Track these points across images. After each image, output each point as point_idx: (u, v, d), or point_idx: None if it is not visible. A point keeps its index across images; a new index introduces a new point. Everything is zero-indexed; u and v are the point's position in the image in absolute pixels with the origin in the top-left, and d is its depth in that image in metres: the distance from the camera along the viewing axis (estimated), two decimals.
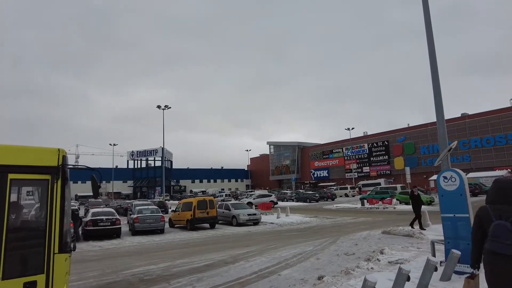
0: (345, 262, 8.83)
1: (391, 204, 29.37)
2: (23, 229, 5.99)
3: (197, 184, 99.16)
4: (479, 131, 52.78)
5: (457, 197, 6.51)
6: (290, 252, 10.64)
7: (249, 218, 19.76)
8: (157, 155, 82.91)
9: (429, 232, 12.52)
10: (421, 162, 60.46)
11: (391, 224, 15.85)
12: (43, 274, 5.43)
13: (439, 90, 8.30)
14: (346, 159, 75.22)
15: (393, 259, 8.88)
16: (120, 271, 8.80)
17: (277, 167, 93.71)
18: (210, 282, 7.40)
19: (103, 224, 15.43)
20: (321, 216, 24.27)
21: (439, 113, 8.26)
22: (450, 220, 6.66)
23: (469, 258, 6.24)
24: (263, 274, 7.96)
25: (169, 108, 40.45)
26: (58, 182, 5.77)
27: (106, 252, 12.30)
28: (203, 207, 18.53)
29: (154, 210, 18.44)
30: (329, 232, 15.21)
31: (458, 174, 6.54)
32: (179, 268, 8.90)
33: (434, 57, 8.48)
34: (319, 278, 7.23)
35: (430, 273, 5.50)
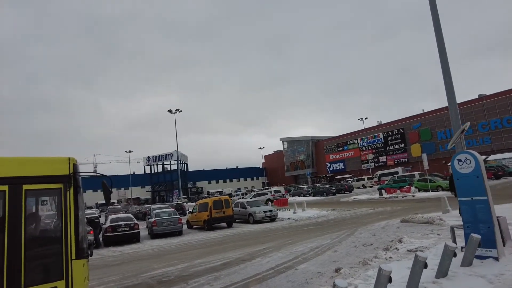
0: (363, 253, 8.69)
1: (409, 192, 28.80)
2: (40, 237, 6.13)
3: (213, 185, 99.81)
4: (498, 112, 51.06)
5: (473, 179, 6.29)
6: (307, 246, 10.56)
7: (266, 215, 19.74)
8: (172, 159, 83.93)
9: (449, 218, 12.20)
10: (438, 147, 59.02)
11: (410, 213, 15.54)
12: (62, 280, 5.55)
13: (448, 70, 8.02)
14: (362, 150, 74.19)
15: (412, 247, 8.68)
16: (140, 275, 8.92)
17: (292, 162, 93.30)
18: (227, 280, 7.41)
19: (121, 229, 15.70)
20: (338, 209, 24.02)
21: (450, 95, 8.00)
22: (467, 203, 6.44)
23: (490, 241, 6.06)
24: (280, 269, 7.92)
25: (180, 111, 40.81)
26: (71, 190, 5.88)
27: (126, 257, 12.51)
28: (219, 207, 18.62)
29: (172, 212, 18.65)
30: (347, 224, 15.03)
31: (473, 155, 6.32)
32: (197, 268, 8.95)
33: (441, 36, 8.21)
34: (336, 271, 7.14)
35: (449, 259, 5.35)
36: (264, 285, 6.72)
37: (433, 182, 29.28)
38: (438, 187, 28.62)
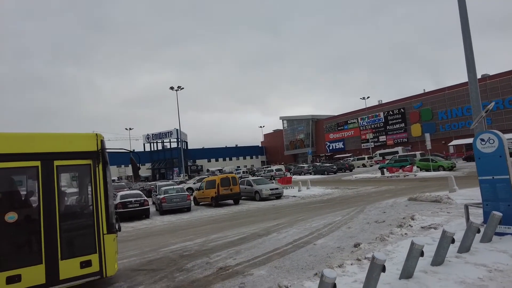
0: (377, 230, 8.92)
1: (411, 171, 29.15)
2: (72, 212, 6.26)
3: (213, 163, 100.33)
4: (501, 92, 50.94)
5: (496, 158, 6.39)
6: (320, 222, 10.80)
7: (272, 192, 20.03)
8: (172, 137, 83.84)
9: (457, 197, 12.44)
10: (439, 128, 59.20)
11: (415, 191, 15.81)
12: (96, 253, 5.73)
13: (471, 48, 7.96)
14: (362, 129, 74.32)
15: (425, 224, 8.91)
16: (159, 249, 9.15)
17: (291, 141, 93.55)
18: (248, 254, 7.63)
19: (132, 206, 15.93)
20: (342, 187, 24.38)
21: (471, 76, 7.98)
22: (488, 182, 6.57)
23: (510, 219, 6.23)
24: (298, 244, 8.15)
25: (182, 89, 40.39)
26: (99, 166, 5.96)
27: (139, 232, 12.77)
28: (226, 184, 18.85)
29: (179, 189, 18.88)
30: (354, 202, 15.31)
31: (497, 135, 6.40)
32: (215, 243, 9.18)
33: (465, 14, 8.09)
34: (355, 246, 7.36)
35: (472, 235, 5.52)
36: (287, 259, 6.94)
37: (434, 162, 29.58)
38: (440, 167, 28.96)
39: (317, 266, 6.24)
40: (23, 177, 5.93)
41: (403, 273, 4.71)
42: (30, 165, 5.44)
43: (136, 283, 6.26)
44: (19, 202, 5.63)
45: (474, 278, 4.51)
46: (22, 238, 5.40)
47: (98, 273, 5.71)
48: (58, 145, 5.70)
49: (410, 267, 4.68)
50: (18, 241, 5.35)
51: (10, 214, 5.16)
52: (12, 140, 5.39)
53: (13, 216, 5.18)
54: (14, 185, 5.61)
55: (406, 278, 4.66)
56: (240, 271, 6.40)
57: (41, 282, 5.22)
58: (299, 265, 6.44)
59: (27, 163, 5.42)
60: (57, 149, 5.66)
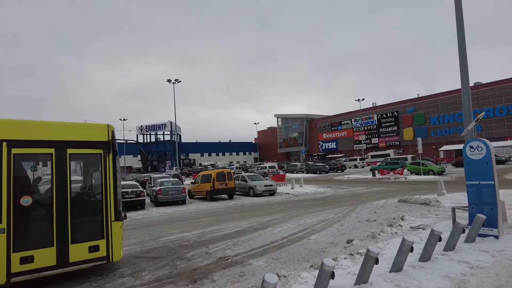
0: (368, 228, 9.35)
1: (402, 174, 29.82)
2: (83, 199, 6.55)
3: (206, 158, 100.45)
4: (492, 101, 52.09)
5: (483, 165, 6.84)
6: (313, 219, 11.21)
7: (266, 188, 20.42)
8: (166, 129, 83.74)
9: (445, 200, 12.96)
10: (430, 132, 60.29)
11: (405, 193, 16.34)
12: (103, 239, 6.04)
13: (466, 60, 8.39)
14: (355, 131, 75.20)
15: (414, 224, 9.37)
16: (158, 238, 9.45)
17: (285, 139, 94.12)
18: (246, 246, 7.98)
19: (128, 196, 16.12)
20: (334, 186, 24.88)
21: (464, 86, 8.41)
22: (475, 187, 7.02)
23: (492, 221, 6.69)
24: (293, 238, 8.53)
25: (179, 82, 40.42)
26: (110, 155, 6.25)
27: (137, 222, 13.01)
28: (222, 179, 19.17)
29: (175, 182, 19.13)
30: (346, 201, 15.77)
31: (485, 143, 6.84)
32: (213, 235, 9.52)
33: (462, 27, 8.50)
34: (348, 242, 7.77)
35: (458, 235, 5.96)
36: (283, 251, 7.31)
37: (425, 166, 30.29)
38: (430, 171, 29.67)
39: (312, 259, 6.61)
40: (38, 163, 6.18)
41: (394, 266, 5.11)
42: (45, 152, 5.69)
43: (139, 269, 6.56)
44: (33, 187, 5.89)
45: (457, 273, 4.93)
46: (35, 221, 5.67)
47: (105, 258, 6.00)
48: (71, 134, 5.96)
49: (400, 262, 5.08)
50: (31, 224, 5.61)
51: (25, 198, 5.42)
52: (29, 127, 5.63)
53: (28, 200, 5.44)
54: (30, 171, 5.87)
55: (396, 271, 5.05)
56: (239, 261, 6.75)
57: (52, 263, 5.50)
58: (295, 258, 6.82)
59: (42, 150, 5.67)
60: (70, 138, 5.92)
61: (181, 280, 5.79)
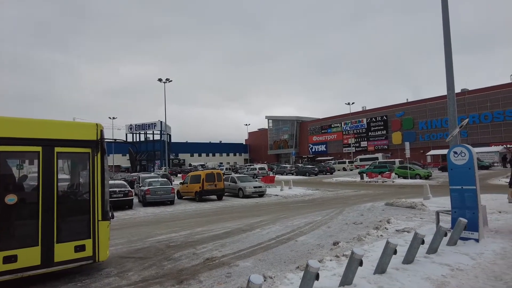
0: (355, 230, 9.48)
1: (390, 178, 30.25)
2: (70, 198, 6.49)
3: (195, 158, 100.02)
4: (478, 107, 53.27)
5: (466, 170, 7.03)
6: (301, 221, 11.31)
7: (255, 190, 20.47)
8: (156, 129, 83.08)
9: (430, 204, 13.21)
10: (418, 137, 61.29)
11: (392, 197, 16.59)
12: (90, 239, 6.00)
13: (451, 67, 8.60)
14: (345, 134, 75.94)
15: (400, 227, 9.53)
16: (145, 239, 9.40)
17: (276, 141, 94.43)
18: (234, 247, 8.02)
19: (116, 196, 15.97)
20: (322, 189, 25.08)
21: (450, 92, 8.62)
22: (458, 191, 7.21)
23: (473, 225, 6.87)
24: (281, 240, 8.60)
25: (171, 81, 40.20)
26: (98, 155, 6.22)
27: (124, 222, 12.90)
28: (211, 180, 19.15)
29: (164, 182, 19.04)
30: (334, 204, 15.94)
31: (468, 149, 7.03)
32: (200, 236, 9.52)
33: (448, 34, 8.71)
34: (334, 244, 7.87)
35: (440, 238, 6.11)
36: (270, 253, 7.37)
37: (412, 170, 30.77)
38: (417, 175, 30.16)
39: (299, 260, 6.68)
40: (25, 161, 6.11)
41: (377, 268, 5.21)
42: (32, 150, 5.63)
43: (125, 270, 6.53)
44: (19, 185, 5.82)
45: (438, 275, 5.06)
46: (20, 220, 5.60)
47: (91, 258, 5.96)
48: (59, 132, 5.91)
49: (384, 264, 5.19)
50: (16, 222, 5.54)
51: (10, 196, 5.35)
52: (15, 125, 5.56)
53: (13, 199, 5.37)
54: (15, 169, 5.80)
55: (380, 273, 5.16)
56: (226, 262, 6.77)
57: (36, 263, 5.44)
58: (282, 259, 6.88)
59: (29, 148, 5.61)
60: (58, 136, 5.87)
61: (167, 280, 5.79)
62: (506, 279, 4.88)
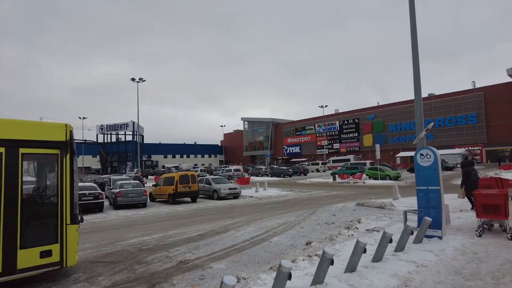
0: (327, 230, 9.70)
1: (361, 179, 31.11)
2: (36, 201, 6.23)
3: (169, 159, 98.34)
4: (443, 111, 55.98)
5: (431, 171, 7.39)
6: (275, 222, 11.42)
7: (230, 192, 20.43)
8: (128, 129, 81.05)
9: (399, 204, 13.73)
10: (388, 139, 63.50)
11: (363, 197, 17.09)
12: (57, 243, 5.79)
13: (419, 73, 9.02)
14: (318, 136, 77.39)
15: (370, 227, 9.84)
16: (116, 242, 9.16)
17: (251, 143, 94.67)
18: (207, 249, 7.98)
19: (86, 198, 15.44)
20: (296, 190, 25.42)
21: (417, 97, 9.03)
22: (423, 192, 7.56)
23: (437, 224, 7.23)
24: (255, 241, 8.65)
25: (144, 81, 39.32)
26: (67, 156, 6.02)
27: (93, 226, 12.50)
28: (185, 182, 18.92)
29: (136, 184, 18.61)
30: (307, 204, 16.20)
31: (433, 151, 7.39)
32: (174, 238, 9.39)
33: (415, 44, 9.13)
34: (307, 244, 8.02)
35: (407, 236, 6.38)
36: (244, 254, 7.39)
37: (382, 171, 31.81)
38: (387, 176, 31.22)
39: (272, 261, 6.75)
40: None
41: (348, 267, 5.37)
42: None
43: (95, 274, 6.34)
44: None
45: (404, 272, 5.29)
46: None
47: (58, 263, 5.74)
48: (25, 132, 5.65)
49: (354, 262, 5.36)
50: None
51: None
52: None
53: None
54: None
55: (350, 271, 5.32)
56: (199, 264, 6.73)
57: None
58: (256, 260, 6.93)
59: None
60: (24, 137, 5.61)
61: (139, 284, 5.68)
62: (465, 273, 5.19)
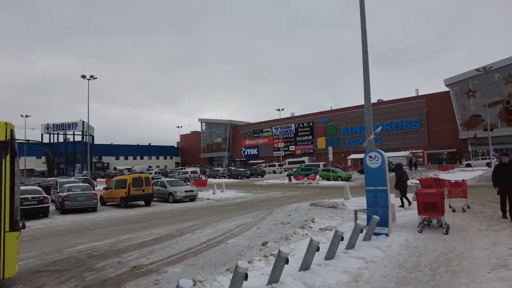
0: (283, 230, 9.93)
1: (315, 180, 32.16)
2: None
3: (121, 161, 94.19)
4: (390, 116, 59.80)
5: (379, 173, 7.88)
6: (232, 223, 11.45)
7: (186, 194, 20.08)
8: (77, 129, 76.45)
9: (350, 204, 14.42)
10: (340, 142, 66.41)
11: (316, 198, 17.70)
12: None
13: (368, 82, 9.59)
14: (275, 138, 78.78)
15: (323, 226, 10.24)
16: (63, 249, 8.61)
17: (209, 144, 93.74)
18: (162, 253, 7.79)
19: (28, 203, 14.28)
20: (253, 191, 25.65)
21: (367, 103, 9.59)
22: (372, 192, 8.04)
23: (384, 222, 7.73)
24: (212, 243, 8.61)
25: (95, 78, 37.26)
26: (7, 157, 5.58)
27: (37, 232, 11.63)
28: (138, 185, 18.26)
29: (85, 187, 17.60)
30: (264, 205, 16.44)
31: (381, 154, 7.90)
32: (127, 243, 9.04)
33: (366, 53, 9.70)
34: (263, 244, 8.15)
35: (357, 234, 6.74)
36: (200, 257, 7.33)
37: (334, 172, 33.16)
38: (339, 177, 32.58)
39: (229, 262, 6.78)
40: None
41: (302, 265, 5.56)
42: None
43: (38, 285, 5.92)
44: None
45: (355, 268, 5.60)
46: None
47: None
48: None
49: (308, 261, 5.55)
50: None
51: None
52: None
53: None
54: None
55: (305, 270, 5.51)
56: (154, 269, 6.56)
57: None
58: (212, 262, 6.91)
59: None
60: None
61: None
62: (407, 266, 5.62)
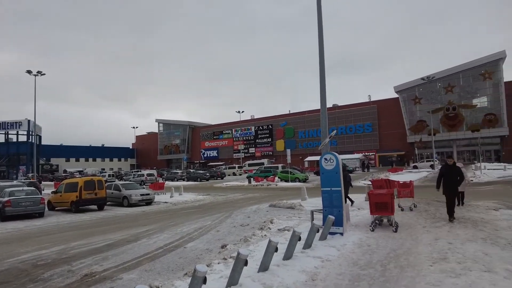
0: (242, 232, 9.98)
1: (274, 181, 32.67)
2: None
3: (72, 163, 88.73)
4: (345, 120, 62.52)
5: (333, 174, 8.22)
6: (191, 227, 11.28)
7: (142, 198, 19.42)
8: (21, 129, 70.75)
9: (307, 204, 14.84)
10: (298, 145, 68.12)
11: (275, 199, 18.00)
12: None
13: (324, 88, 9.98)
14: (235, 140, 78.82)
15: (281, 227, 10.43)
16: (3, 260, 7.93)
17: (166, 146, 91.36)
18: (117, 259, 7.47)
19: None
20: (213, 193, 25.44)
21: (323, 107, 9.97)
22: (327, 192, 8.36)
23: (339, 221, 8.07)
24: (169, 248, 8.42)
25: (43, 74, 34.68)
26: None
27: None
28: (90, 188, 17.34)
29: (30, 191, 16.34)
30: (223, 208, 16.38)
31: (335, 156, 8.24)
32: (77, 250, 8.55)
33: (322, 61, 10.08)
34: (222, 247, 8.12)
35: (314, 234, 6.98)
36: (157, 262, 7.14)
37: (292, 174, 33.93)
38: (296, 178, 33.38)
39: (187, 267, 6.67)
40: None
41: (261, 267, 5.63)
42: None
43: None
44: None
45: (311, 267, 5.78)
46: None
47: None
48: None
49: (267, 262, 5.64)
50: None
51: None
52: None
53: None
54: None
55: (263, 271, 5.59)
56: (108, 276, 6.28)
57: None
58: (170, 267, 6.76)
59: None
60: None
61: None
62: (361, 264, 5.92)
